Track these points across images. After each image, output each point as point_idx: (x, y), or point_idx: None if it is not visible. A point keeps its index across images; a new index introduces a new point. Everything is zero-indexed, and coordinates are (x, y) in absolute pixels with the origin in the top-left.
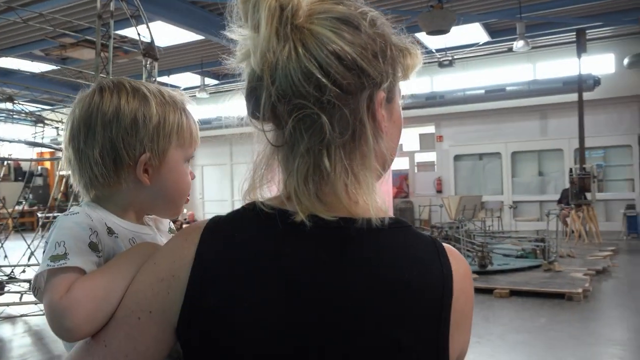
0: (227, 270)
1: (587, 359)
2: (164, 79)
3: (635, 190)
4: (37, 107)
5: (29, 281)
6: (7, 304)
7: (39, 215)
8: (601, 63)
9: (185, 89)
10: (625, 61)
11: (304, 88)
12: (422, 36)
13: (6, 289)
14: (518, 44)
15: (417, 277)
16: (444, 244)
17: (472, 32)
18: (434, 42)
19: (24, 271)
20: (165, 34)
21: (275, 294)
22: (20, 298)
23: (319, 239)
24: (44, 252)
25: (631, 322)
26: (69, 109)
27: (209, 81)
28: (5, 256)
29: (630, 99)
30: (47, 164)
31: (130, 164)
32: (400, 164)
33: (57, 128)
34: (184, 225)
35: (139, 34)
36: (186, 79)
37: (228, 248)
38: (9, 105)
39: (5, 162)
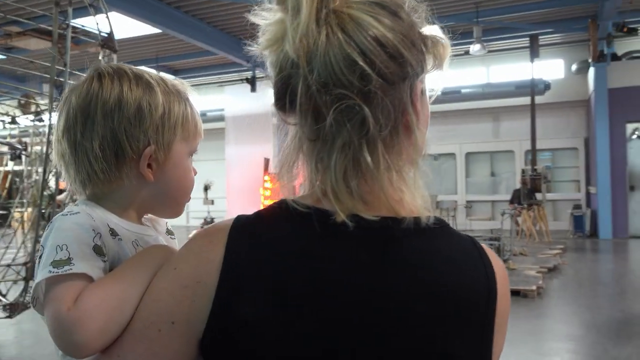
0: (260, 273)
1: (545, 354)
2: None
3: (581, 191)
4: None
5: None
6: None
7: None
8: (551, 68)
9: None
10: (574, 67)
11: (345, 77)
12: None
13: None
14: (475, 47)
15: (462, 280)
16: (482, 244)
17: None
18: None
19: None
20: (119, 25)
21: (310, 296)
22: None
23: (361, 240)
24: (40, 256)
25: (584, 318)
26: (14, 101)
27: (164, 76)
28: None
29: (578, 103)
30: None
31: (134, 157)
32: None
33: (2, 121)
34: None
35: (97, 24)
36: None
37: (260, 250)
38: None
39: None
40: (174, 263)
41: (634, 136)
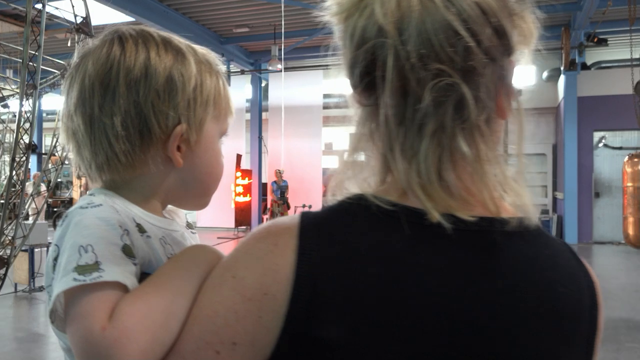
0: (343, 284)
1: None
2: None
3: (548, 196)
4: None
5: None
6: None
7: None
8: (522, 75)
9: None
10: (544, 74)
11: (444, 50)
12: None
13: None
14: None
15: (568, 291)
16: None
17: None
18: None
19: None
20: (91, 12)
21: (406, 312)
22: None
23: (459, 244)
24: (55, 259)
25: None
26: None
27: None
28: None
29: (547, 110)
30: None
31: (162, 137)
32: (329, 162)
33: None
34: None
35: (73, 6)
36: None
37: (340, 255)
38: None
39: None
40: (230, 270)
41: (601, 144)
